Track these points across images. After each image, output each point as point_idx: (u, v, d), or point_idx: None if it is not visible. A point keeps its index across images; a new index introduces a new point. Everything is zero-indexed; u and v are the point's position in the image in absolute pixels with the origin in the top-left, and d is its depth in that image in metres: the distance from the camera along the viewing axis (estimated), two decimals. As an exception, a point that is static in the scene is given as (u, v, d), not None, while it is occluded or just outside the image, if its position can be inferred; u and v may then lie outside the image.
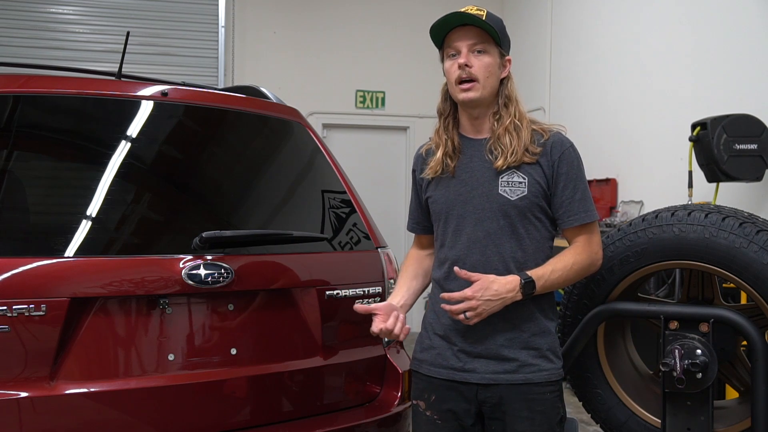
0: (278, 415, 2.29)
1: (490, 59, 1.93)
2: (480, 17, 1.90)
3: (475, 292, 1.83)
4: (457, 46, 1.93)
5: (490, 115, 1.97)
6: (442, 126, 2.03)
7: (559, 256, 1.94)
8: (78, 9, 6.97)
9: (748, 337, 2.02)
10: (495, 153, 1.93)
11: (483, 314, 1.84)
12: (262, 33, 7.42)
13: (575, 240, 1.97)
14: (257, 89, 2.92)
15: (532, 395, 1.91)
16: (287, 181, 2.67)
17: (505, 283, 1.85)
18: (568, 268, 1.92)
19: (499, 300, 1.84)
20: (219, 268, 2.12)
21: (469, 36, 1.92)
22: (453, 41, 1.93)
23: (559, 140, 1.96)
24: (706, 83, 4.69)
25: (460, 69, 1.91)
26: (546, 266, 1.91)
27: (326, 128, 7.54)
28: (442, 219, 2.00)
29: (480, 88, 1.92)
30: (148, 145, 2.40)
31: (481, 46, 1.92)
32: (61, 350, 1.96)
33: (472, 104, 1.95)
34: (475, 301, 1.83)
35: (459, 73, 1.91)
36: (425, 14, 7.66)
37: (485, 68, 1.92)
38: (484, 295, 1.83)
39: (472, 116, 1.99)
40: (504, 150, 1.91)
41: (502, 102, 1.96)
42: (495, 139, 1.94)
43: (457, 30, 1.92)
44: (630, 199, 5.46)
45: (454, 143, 1.99)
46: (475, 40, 1.92)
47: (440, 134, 2.02)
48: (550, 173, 1.93)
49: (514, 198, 1.92)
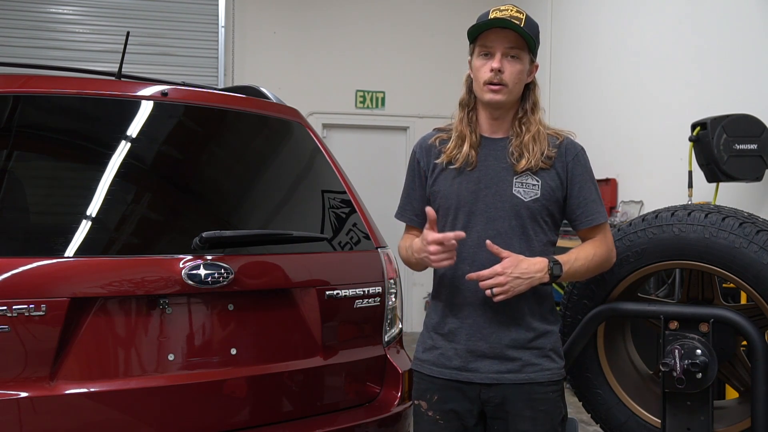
0: (278, 415, 2.29)
1: (521, 66, 1.93)
2: (520, 21, 1.90)
3: (506, 268, 1.84)
4: (492, 47, 1.92)
5: (511, 116, 1.98)
6: (466, 118, 2.02)
7: (580, 247, 1.98)
8: (78, 9, 6.97)
9: (748, 337, 2.02)
10: (516, 155, 1.95)
11: (509, 292, 1.84)
12: (262, 33, 7.42)
13: (592, 237, 2.01)
14: (257, 89, 2.92)
15: (536, 395, 1.92)
16: (287, 181, 2.67)
17: (534, 263, 1.87)
18: (590, 258, 1.95)
19: (528, 279, 1.85)
20: (219, 268, 2.12)
21: (506, 40, 1.91)
22: (489, 41, 1.93)
23: (572, 143, 2.00)
24: (706, 83, 4.69)
25: (491, 72, 1.91)
26: (570, 254, 1.94)
27: (326, 128, 7.54)
28: (450, 214, 1.99)
29: (507, 93, 1.93)
30: (148, 145, 2.40)
31: (515, 52, 1.92)
32: (61, 350, 1.96)
33: (497, 106, 1.96)
34: (504, 277, 1.83)
35: (490, 76, 1.91)
36: (426, 14, 7.74)
37: (516, 75, 1.93)
38: (514, 272, 1.84)
39: (493, 116, 1.99)
40: (528, 155, 1.93)
41: (529, 107, 1.98)
42: (520, 143, 1.95)
43: (495, 30, 1.92)
44: (630, 199, 5.46)
45: (477, 137, 1.99)
46: (511, 45, 1.91)
47: (464, 126, 2.01)
48: (564, 176, 1.96)
49: (527, 199, 1.93)
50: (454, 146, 2.00)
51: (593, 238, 2.00)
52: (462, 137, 1.99)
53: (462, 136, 1.99)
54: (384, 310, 2.54)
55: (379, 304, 2.51)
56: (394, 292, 2.61)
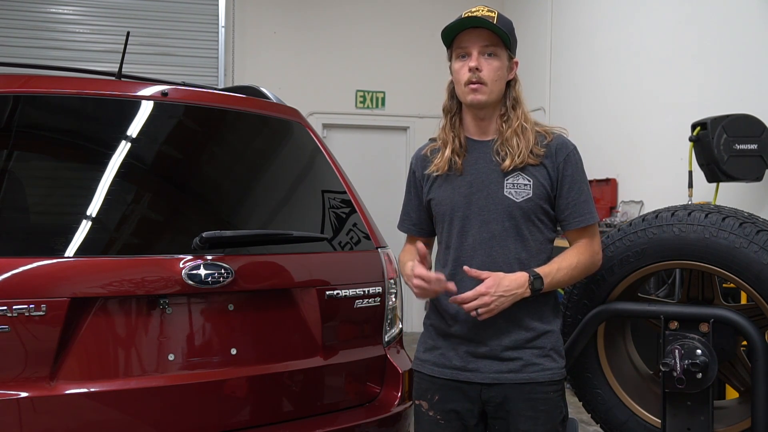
0: (278, 415, 2.29)
1: (499, 63, 1.93)
2: (492, 19, 1.90)
3: (489, 288, 1.85)
4: (467, 47, 1.93)
5: (497, 116, 1.98)
6: (448, 124, 2.03)
7: (563, 255, 1.96)
8: (78, 9, 6.96)
9: (748, 337, 2.02)
10: (502, 154, 1.95)
11: (494, 310, 1.86)
12: (262, 33, 7.42)
13: (577, 241, 1.99)
14: (257, 89, 2.92)
15: (536, 394, 1.92)
16: (287, 181, 2.67)
17: (514, 279, 1.87)
18: (572, 266, 1.94)
19: (511, 296, 1.86)
20: (219, 268, 2.12)
21: (481, 38, 1.92)
22: (464, 42, 1.93)
23: (563, 142, 1.98)
24: (706, 83, 4.69)
25: (470, 72, 1.92)
26: (552, 264, 1.93)
27: (326, 128, 7.54)
28: (446, 220, 2.00)
29: (488, 92, 1.93)
30: (148, 145, 2.40)
31: (491, 49, 1.92)
32: (61, 350, 1.96)
33: (480, 106, 1.96)
34: (488, 297, 1.84)
35: (469, 76, 1.92)
36: (426, 14, 7.73)
37: (494, 72, 1.93)
38: (497, 291, 1.84)
39: (478, 117, 1.99)
40: (511, 152, 1.93)
41: (510, 104, 1.98)
42: (503, 140, 1.95)
43: (468, 31, 1.93)
44: (630, 199, 5.46)
45: (460, 141, 1.99)
46: (486, 43, 1.92)
47: (447, 132, 2.02)
48: (555, 175, 1.95)
49: (519, 200, 1.93)
50: (441, 154, 2.01)
51: (579, 240, 1.99)
52: (446, 144, 2.00)
53: (445, 143, 2.01)
54: (384, 310, 2.54)
55: (379, 304, 2.52)
56: (395, 292, 2.61)
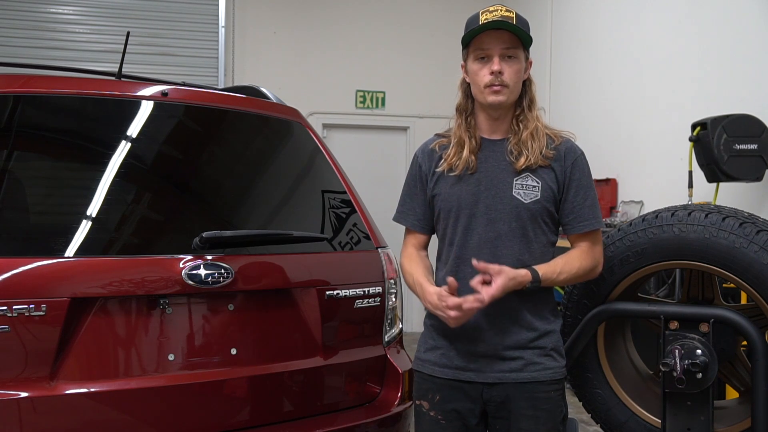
0: (278, 415, 2.29)
1: (519, 65, 1.93)
2: (511, 20, 1.89)
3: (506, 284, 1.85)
4: (488, 50, 1.92)
5: (511, 116, 1.98)
6: (464, 123, 2.02)
7: (565, 258, 1.96)
8: (78, 9, 6.96)
9: (748, 337, 2.02)
10: (515, 154, 1.94)
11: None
12: (262, 33, 7.42)
13: (580, 245, 1.99)
14: (257, 89, 2.92)
15: (538, 393, 1.93)
16: (287, 181, 2.67)
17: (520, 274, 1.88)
18: (573, 272, 1.95)
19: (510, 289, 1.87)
20: (219, 268, 2.12)
21: (501, 41, 1.91)
22: (484, 44, 1.92)
23: (572, 147, 1.99)
24: (706, 83, 4.69)
25: (492, 75, 1.91)
26: (556, 264, 1.93)
27: (326, 128, 7.54)
28: (452, 217, 2.00)
29: (508, 93, 1.93)
30: (148, 145, 2.40)
31: (512, 52, 1.92)
32: (62, 350, 1.96)
33: (499, 106, 1.95)
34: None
35: (491, 79, 1.91)
36: (426, 14, 7.73)
37: (516, 74, 1.93)
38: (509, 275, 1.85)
39: (493, 117, 1.99)
40: (527, 152, 1.93)
41: (526, 104, 1.98)
42: (518, 140, 1.95)
43: (488, 32, 1.91)
44: (630, 199, 5.46)
45: (477, 141, 1.99)
46: (507, 45, 1.91)
47: (463, 131, 2.00)
48: (562, 179, 1.95)
49: (527, 201, 1.93)
50: (454, 153, 1.99)
51: (582, 244, 1.99)
52: (461, 143, 1.99)
53: (461, 142, 1.99)
54: (384, 310, 2.54)
55: (379, 304, 2.51)
56: (395, 292, 2.61)
